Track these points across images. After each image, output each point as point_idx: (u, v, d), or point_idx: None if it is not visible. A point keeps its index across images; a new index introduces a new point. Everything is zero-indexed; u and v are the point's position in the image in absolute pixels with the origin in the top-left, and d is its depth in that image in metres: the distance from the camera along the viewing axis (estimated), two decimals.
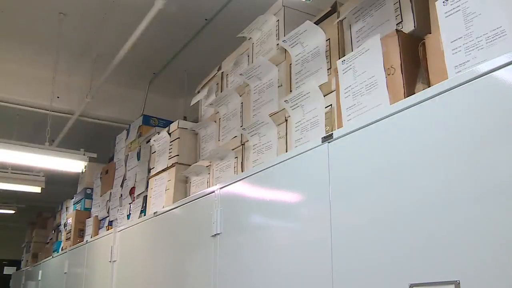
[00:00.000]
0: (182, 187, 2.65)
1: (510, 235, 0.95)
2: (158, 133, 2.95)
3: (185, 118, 4.01)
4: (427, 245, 1.11)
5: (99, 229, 3.86)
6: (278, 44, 2.09)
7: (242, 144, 2.21)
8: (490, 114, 1.04)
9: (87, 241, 3.60)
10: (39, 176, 4.91)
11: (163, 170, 2.77)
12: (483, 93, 1.06)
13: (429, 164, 1.15)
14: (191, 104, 2.84)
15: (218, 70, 2.67)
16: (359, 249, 1.28)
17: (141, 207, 3.05)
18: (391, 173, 1.24)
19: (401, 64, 1.44)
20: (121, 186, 3.55)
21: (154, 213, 2.55)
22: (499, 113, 1.02)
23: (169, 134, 2.80)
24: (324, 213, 1.41)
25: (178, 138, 2.71)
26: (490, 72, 1.05)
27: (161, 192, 2.74)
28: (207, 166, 2.45)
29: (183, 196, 2.57)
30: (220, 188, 1.97)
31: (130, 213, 3.23)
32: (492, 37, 1.22)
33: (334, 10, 1.87)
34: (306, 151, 1.55)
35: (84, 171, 4.36)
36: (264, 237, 1.68)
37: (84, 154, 3.74)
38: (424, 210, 1.13)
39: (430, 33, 1.42)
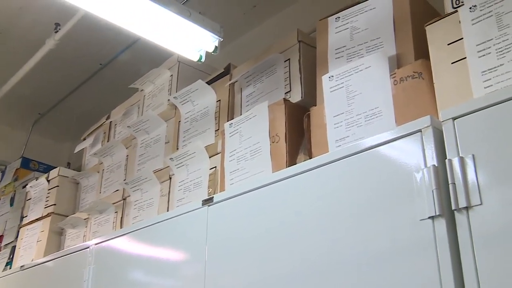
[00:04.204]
0: (56, 239, 2.48)
1: None
2: (37, 178, 2.77)
3: (68, 164, 3.81)
4: None
5: None
6: (169, 100, 2.06)
7: (124, 199, 2.12)
8: (367, 187, 1.07)
9: None
10: None
11: (37, 220, 2.58)
12: (361, 167, 1.10)
13: (306, 233, 1.15)
14: (74, 152, 2.71)
15: (106, 119, 2.58)
16: None
17: (7, 258, 2.80)
18: (268, 240, 1.23)
19: (285, 133, 1.46)
20: None
21: (21, 266, 2.34)
22: (375, 186, 1.06)
23: (48, 181, 2.63)
24: (199, 276, 1.37)
25: (57, 186, 2.55)
26: (369, 149, 1.09)
27: (32, 243, 2.54)
28: (85, 219, 2.32)
29: (56, 249, 2.40)
30: (96, 244, 1.86)
31: None
32: (370, 116, 1.27)
33: (227, 71, 1.89)
34: (186, 212, 1.51)
35: None
36: None
37: None
38: (299, 278, 1.13)
39: (316, 106, 1.46)
